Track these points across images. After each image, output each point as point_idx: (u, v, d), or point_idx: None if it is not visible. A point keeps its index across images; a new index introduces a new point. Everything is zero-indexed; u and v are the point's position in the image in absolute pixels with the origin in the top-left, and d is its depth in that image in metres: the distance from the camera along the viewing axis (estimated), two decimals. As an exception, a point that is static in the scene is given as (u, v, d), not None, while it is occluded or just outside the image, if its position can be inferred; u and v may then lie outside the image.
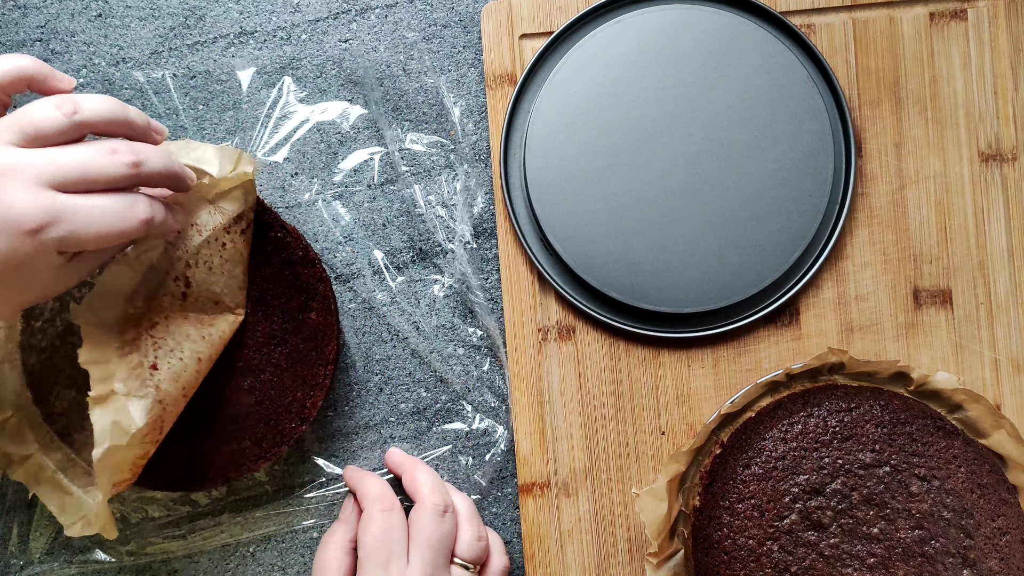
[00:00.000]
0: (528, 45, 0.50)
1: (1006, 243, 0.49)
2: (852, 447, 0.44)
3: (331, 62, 0.51)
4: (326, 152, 0.50)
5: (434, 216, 0.50)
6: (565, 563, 0.48)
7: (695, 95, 0.48)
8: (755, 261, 0.48)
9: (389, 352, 0.50)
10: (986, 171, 0.49)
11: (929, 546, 0.43)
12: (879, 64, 0.49)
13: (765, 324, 0.49)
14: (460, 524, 0.46)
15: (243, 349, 0.46)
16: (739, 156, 0.48)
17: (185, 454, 0.46)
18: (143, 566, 0.50)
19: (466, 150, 0.50)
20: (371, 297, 0.50)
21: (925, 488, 0.43)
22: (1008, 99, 0.49)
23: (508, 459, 0.50)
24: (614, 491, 0.49)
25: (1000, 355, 0.49)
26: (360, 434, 0.50)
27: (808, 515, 0.43)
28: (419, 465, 0.47)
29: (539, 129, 0.48)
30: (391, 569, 0.43)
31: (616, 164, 0.48)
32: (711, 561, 0.44)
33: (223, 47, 0.51)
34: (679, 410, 0.49)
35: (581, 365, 0.49)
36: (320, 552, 0.46)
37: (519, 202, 0.49)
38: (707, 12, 0.48)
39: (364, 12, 0.51)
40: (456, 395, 0.50)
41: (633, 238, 0.48)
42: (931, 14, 0.49)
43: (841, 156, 0.48)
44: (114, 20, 0.51)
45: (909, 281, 0.49)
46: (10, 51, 0.50)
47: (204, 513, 0.50)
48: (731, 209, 0.48)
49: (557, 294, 0.49)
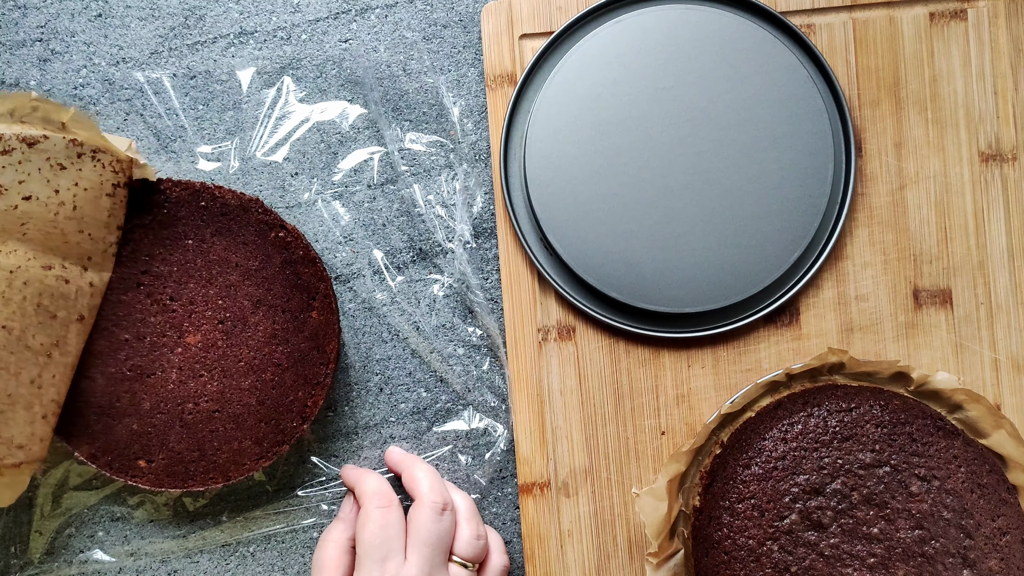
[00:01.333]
0: (528, 45, 0.50)
1: (1006, 243, 0.49)
2: (852, 447, 0.44)
3: (331, 62, 0.51)
4: (326, 152, 0.50)
5: (434, 216, 0.50)
6: (565, 563, 0.48)
7: (695, 95, 0.48)
8: (755, 261, 0.48)
9: (389, 352, 0.50)
10: (986, 171, 0.49)
11: (929, 546, 0.43)
12: (879, 64, 0.49)
13: (765, 324, 0.49)
14: (459, 522, 0.46)
15: (245, 349, 0.46)
16: (739, 156, 0.48)
17: (186, 453, 0.46)
18: (143, 566, 0.50)
19: (466, 150, 0.50)
20: (371, 297, 0.50)
21: (925, 488, 0.43)
22: (1008, 99, 0.49)
23: (508, 459, 0.50)
24: (614, 491, 0.49)
25: (1000, 355, 0.49)
26: (360, 434, 0.50)
27: (808, 515, 0.43)
28: (418, 463, 0.47)
29: (539, 129, 0.48)
30: (388, 566, 0.43)
31: (616, 164, 0.48)
32: (711, 561, 0.44)
33: (223, 47, 0.51)
34: (679, 410, 0.49)
35: (581, 365, 0.49)
36: (318, 550, 0.46)
37: (519, 202, 0.49)
38: (707, 12, 0.48)
39: (364, 12, 0.51)
40: (456, 395, 0.50)
41: (633, 238, 0.48)
42: (931, 14, 0.49)
43: (841, 156, 0.48)
44: (114, 20, 0.51)
45: (909, 281, 0.49)
46: (10, 51, 0.50)
47: (204, 513, 0.50)
48: (731, 209, 0.48)
49: (557, 294, 0.49)
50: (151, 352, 0.46)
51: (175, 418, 0.46)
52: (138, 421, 0.46)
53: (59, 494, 0.50)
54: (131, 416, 0.46)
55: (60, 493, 0.50)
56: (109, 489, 0.50)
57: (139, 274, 0.46)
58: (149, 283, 0.46)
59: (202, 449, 0.46)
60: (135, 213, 0.46)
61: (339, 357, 0.49)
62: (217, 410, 0.46)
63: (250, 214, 0.47)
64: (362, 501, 0.45)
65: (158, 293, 0.46)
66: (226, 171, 0.50)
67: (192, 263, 0.46)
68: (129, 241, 0.46)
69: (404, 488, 0.47)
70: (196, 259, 0.46)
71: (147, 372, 0.46)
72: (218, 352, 0.46)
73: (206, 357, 0.46)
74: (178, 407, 0.46)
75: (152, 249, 0.46)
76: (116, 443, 0.46)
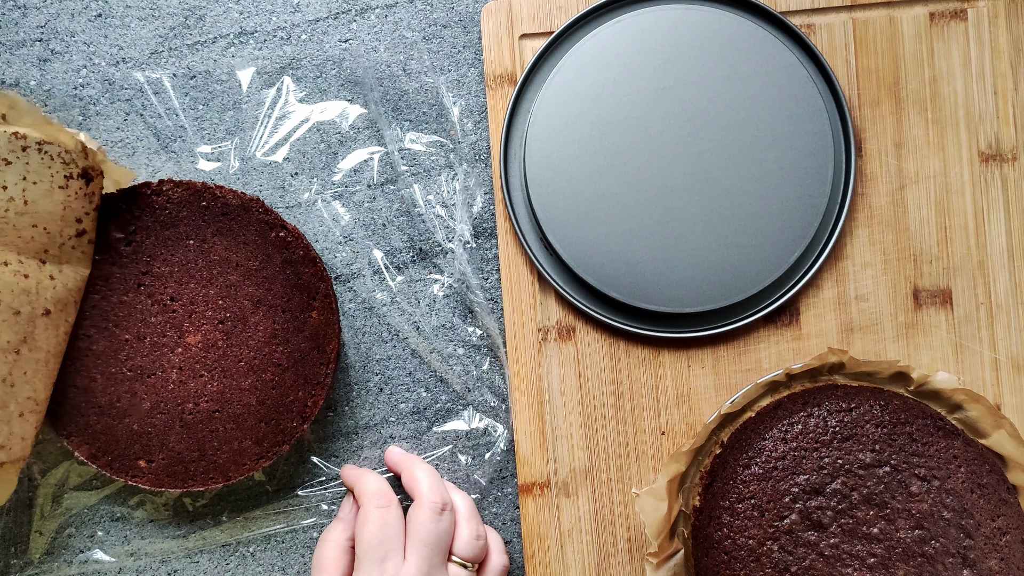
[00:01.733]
0: (528, 45, 0.50)
1: (1006, 243, 0.49)
2: (852, 447, 0.44)
3: (331, 62, 0.51)
4: (326, 152, 0.50)
5: (434, 216, 0.50)
6: (565, 563, 0.48)
7: (695, 95, 0.48)
8: (755, 261, 0.48)
9: (389, 352, 0.50)
10: (986, 171, 0.49)
11: (929, 546, 0.43)
12: (879, 64, 0.49)
13: (765, 324, 0.49)
14: (458, 522, 0.46)
15: (245, 349, 0.46)
16: (739, 156, 0.48)
17: (186, 453, 0.46)
18: (143, 566, 0.50)
19: (466, 150, 0.50)
20: (371, 297, 0.50)
21: (925, 488, 0.43)
22: (1008, 99, 0.49)
23: (508, 459, 0.50)
24: (614, 491, 0.49)
25: (1000, 355, 0.49)
26: (360, 434, 0.50)
27: (808, 515, 0.43)
28: (418, 463, 0.47)
29: (539, 129, 0.48)
30: (387, 566, 0.43)
31: (616, 164, 0.48)
32: (711, 561, 0.44)
33: (223, 47, 0.51)
34: (679, 410, 0.49)
35: (581, 365, 0.49)
36: (318, 550, 0.46)
37: (519, 202, 0.49)
38: (707, 12, 0.48)
39: (364, 12, 0.51)
40: (456, 395, 0.50)
41: (633, 238, 0.48)
42: (931, 14, 0.49)
43: (841, 156, 0.48)
44: (114, 20, 0.51)
45: (909, 281, 0.49)
46: (10, 51, 0.50)
47: (204, 513, 0.50)
48: (731, 209, 0.48)
49: (557, 294, 0.49)
50: (152, 352, 0.46)
51: (175, 418, 0.46)
52: (138, 421, 0.46)
53: (59, 494, 0.50)
54: (131, 416, 0.46)
55: (60, 493, 0.50)
56: (109, 489, 0.50)
57: (140, 275, 0.46)
58: (150, 283, 0.46)
59: (202, 449, 0.46)
60: (137, 214, 0.46)
61: (339, 357, 0.49)
62: (217, 410, 0.46)
63: (251, 214, 0.47)
64: (361, 501, 0.45)
65: (159, 293, 0.46)
66: (226, 171, 0.50)
67: (193, 263, 0.46)
68: (131, 242, 0.46)
69: (404, 488, 0.47)
70: (197, 259, 0.46)
71: (147, 372, 0.46)
72: (218, 352, 0.46)
73: (206, 357, 0.46)
74: (178, 407, 0.46)
75: (154, 250, 0.46)
76: (116, 443, 0.46)
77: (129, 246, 0.46)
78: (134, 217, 0.46)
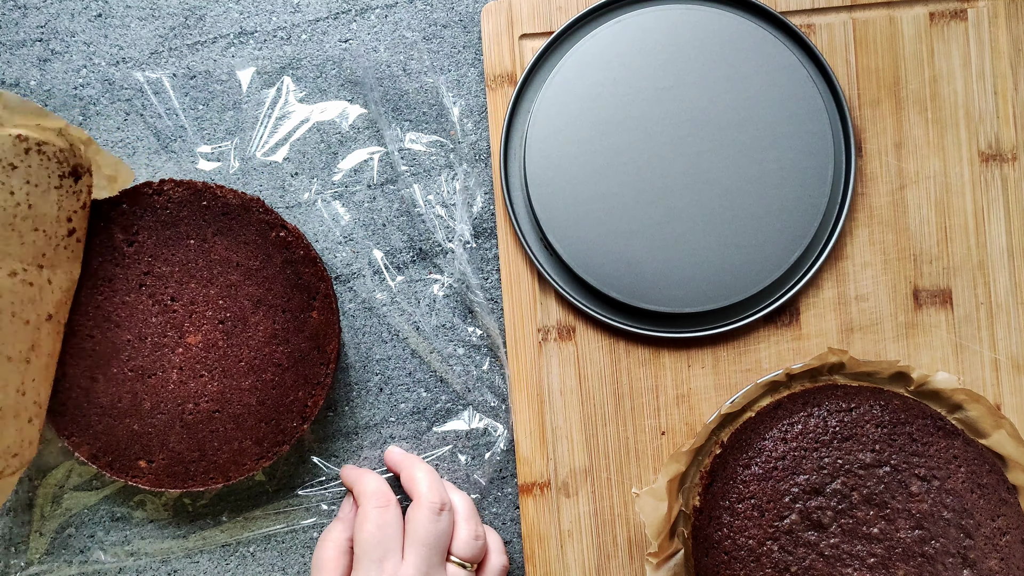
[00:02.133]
0: (528, 45, 0.50)
1: (1006, 243, 0.49)
2: (852, 447, 0.44)
3: (331, 62, 0.51)
4: (326, 152, 0.50)
5: (434, 216, 0.50)
6: (565, 563, 0.48)
7: (695, 95, 0.48)
8: (755, 261, 0.48)
9: (389, 352, 0.50)
10: (986, 171, 0.49)
11: (929, 546, 0.43)
12: (879, 64, 0.49)
13: (765, 324, 0.49)
14: (457, 522, 0.46)
15: (245, 349, 0.46)
16: (739, 156, 0.48)
17: (186, 453, 0.46)
18: (143, 566, 0.50)
19: (466, 150, 0.51)
20: (371, 297, 0.50)
21: (925, 488, 0.43)
22: (1008, 99, 0.49)
23: (508, 459, 0.50)
24: (614, 491, 0.49)
25: (1000, 355, 0.49)
26: (360, 434, 0.50)
27: (808, 515, 0.43)
28: (417, 463, 0.47)
29: (539, 129, 0.48)
30: (386, 566, 0.43)
31: (616, 164, 0.48)
32: (711, 561, 0.44)
33: (223, 47, 0.51)
34: (679, 410, 0.49)
35: (581, 365, 0.49)
36: (317, 550, 0.46)
37: (519, 202, 0.49)
38: (707, 12, 0.48)
39: (364, 12, 0.51)
40: (456, 395, 0.50)
41: (633, 238, 0.48)
42: (931, 14, 0.49)
43: (841, 156, 0.48)
44: (114, 20, 0.51)
45: (909, 281, 0.49)
46: (10, 51, 0.50)
47: (204, 513, 0.50)
48: (731, 209, 0.48)
49: (557, 294, 0.49)
50: (152, 352, 0.46)
51: (175, 418, 0.46)
52: (139, 421, 0.46)
53: (59, 494, 0.50)
54: (132, 416, 0.46)
55: (60, 493, 0.50)
56: (109, 489, 0.50)
57: (142, 275, 0.46)
58: (151, 284, 0.46)
59: (202, 449, 0.46)
60: (140, 214, 0.46)
61: (339, 357, 0.49)
62: (217, 410, 0.46)
63: (251, 214, 0.47)
64: (360, 501, 0.45)
65: (160, 294, 0.46)
66: (226, 171, 0.50)
67: (194, 263, 0.46)
68: (134, 243, 0.46)
69: (403, 488, 0.47)
70: (198, 259, 0.46)
71: (148, 372, 0.46)
72: (219, 352, 0.46)
73: (207, 357, 0.46)
74: (178, 407, 0.46)
75: (155, 250, 0.46)
76: (117, 443, 0.46)
77: (131, 247, 0.46)
78: (137, 218, 0.46)
